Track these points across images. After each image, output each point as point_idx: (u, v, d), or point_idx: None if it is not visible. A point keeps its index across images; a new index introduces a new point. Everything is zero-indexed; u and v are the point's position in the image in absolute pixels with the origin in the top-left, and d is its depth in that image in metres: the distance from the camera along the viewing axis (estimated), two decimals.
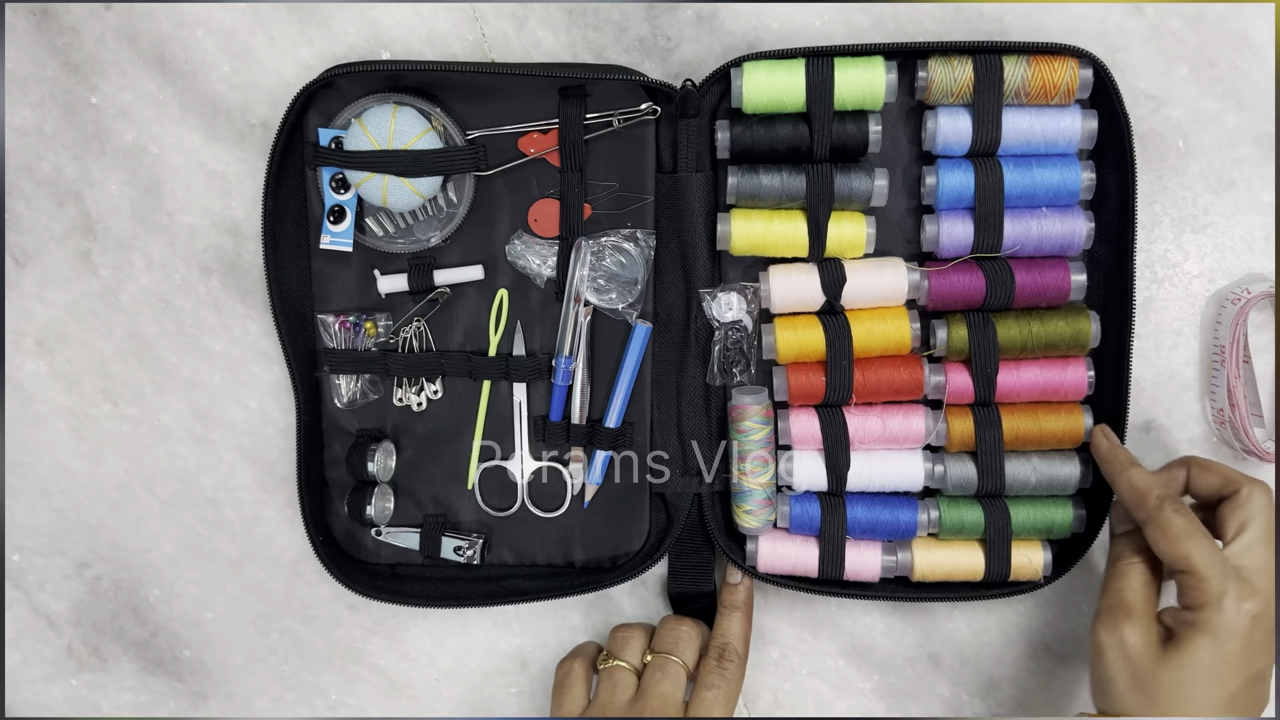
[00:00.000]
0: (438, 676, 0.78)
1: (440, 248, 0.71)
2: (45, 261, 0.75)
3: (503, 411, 0.73)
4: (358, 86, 0.68)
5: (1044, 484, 0.69)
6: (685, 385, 0.71)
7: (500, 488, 0.74)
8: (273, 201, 0.68)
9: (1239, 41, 0.69)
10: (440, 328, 0.72)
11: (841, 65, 0.64)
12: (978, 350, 0.67)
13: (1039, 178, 0.65)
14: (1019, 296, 0.66)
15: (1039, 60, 0.63)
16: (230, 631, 0.79)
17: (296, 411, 0.72)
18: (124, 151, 0.74)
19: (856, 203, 0.66)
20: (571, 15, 0.71)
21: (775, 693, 0.77)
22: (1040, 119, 0.64)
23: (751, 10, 0.70)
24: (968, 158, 0.66)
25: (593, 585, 0.73)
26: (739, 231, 0.67)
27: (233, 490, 0.77)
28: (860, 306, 0.68)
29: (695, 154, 0.68)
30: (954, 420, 0.68)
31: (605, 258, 0.70)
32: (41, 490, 0.78)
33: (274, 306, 0.70)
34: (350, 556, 0.75)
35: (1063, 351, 0.67)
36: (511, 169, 0.69)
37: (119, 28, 0.73)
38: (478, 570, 0.75)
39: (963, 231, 0.66)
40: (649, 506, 0.74)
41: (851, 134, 0.65)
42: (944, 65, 0.63)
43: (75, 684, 0.80)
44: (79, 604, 0.79)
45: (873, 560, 0.70)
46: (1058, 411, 0.68)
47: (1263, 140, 0.70)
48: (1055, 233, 0.66)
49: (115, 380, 0.77)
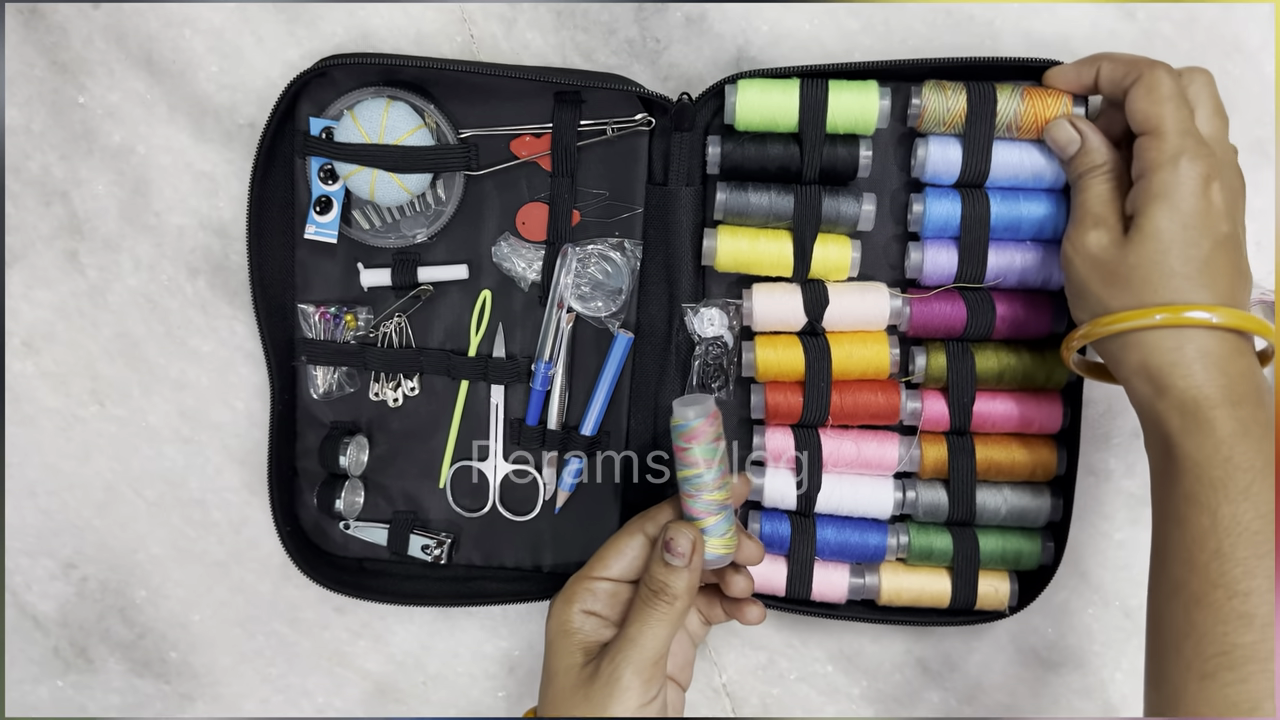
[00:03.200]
0: (425, 679, 0.78)
1: (426, 245, 0.71)
2: (32, 261, 0.75)
3: (479, 412, 0.73)
4: (352, 78, 0.68)
5: (1014, 515, 0.69)
6: (664, 397, 0.71)
7: (472, 488, 0.74)
8: (260, 188, 0.68)
9: (1231, 47, 0.69)
10: (421, 325, 0.72)
11: (836, 88, 0.64)
12: (955, 379, 0.67)
13: (1025, 211, 0.65)
14: (999, 328, 0.67)
15: (1033, 93, 0.64)
16: (217, 633, 0.79)
17: (271, 400, 0.71)
18: (112, 151, 0.73)
19: (843, 226, 0.66)
20: (560, 17, 0.70)
21: (763, 698, 0.77)
22: (1030, 154, 0.64)
23: (741, 13, 0.70)
24: (955, 187, 0.66)
25: (559, 590, 0.73)
26: (725, 248, 0.67)
27: (220, 492, 0.77)
28: (841, 329, 0.68)
29: (686, 168, 0.68)
30: (928, 447, 0.69)
31: (591, 265, 0.70)
32: (28, 491, 0.78)
33: (254, 293, 0.69)
34: (317, 548, 0.75)
35: (1039, 385, 0.68)
36: (502, 170, 0.69)
37: (107, 27, 0.72)
38: (444, 570, 0.75)
39: (947, 260, 0.66)
40: (620, 515, 0.73)
41: (842, 157, 0.65)
42: (938, 93, 0.64)
43: (62, 685, 0.80)
44: (66, 605, 0.79)
45: (840, 582, 0.70)
46: (1031, 444, 0.68)
47: (1255, 147, 0.69)
48: (1039, 266, 0.66)
49: (102, 381, 0.76)
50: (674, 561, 0.58)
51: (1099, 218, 0.58)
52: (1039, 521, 0.69)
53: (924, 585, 0.70)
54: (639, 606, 0.59)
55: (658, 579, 0.58)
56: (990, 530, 0.70)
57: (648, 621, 0.58)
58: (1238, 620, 0.50)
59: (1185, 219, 0.55)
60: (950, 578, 0.70)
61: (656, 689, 0.58)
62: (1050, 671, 0.75)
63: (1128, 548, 0.74)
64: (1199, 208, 0.55)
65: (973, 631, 0.75)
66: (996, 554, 0.69)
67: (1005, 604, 0.70)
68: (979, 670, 0.75)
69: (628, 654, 0.57)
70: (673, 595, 0.58)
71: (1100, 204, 0.59)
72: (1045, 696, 0.75)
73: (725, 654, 0.77)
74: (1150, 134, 0.56)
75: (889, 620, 0.71)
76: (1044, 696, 0.75)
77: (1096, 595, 0.74)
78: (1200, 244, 0.55)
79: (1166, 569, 0.54)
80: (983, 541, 0.69)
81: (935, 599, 0.70)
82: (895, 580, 0.70)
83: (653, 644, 0.58)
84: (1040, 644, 0.75)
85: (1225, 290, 0.55)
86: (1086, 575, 0.74)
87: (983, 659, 0.75)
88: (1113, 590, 0.74)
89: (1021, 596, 0.70)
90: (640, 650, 0.57)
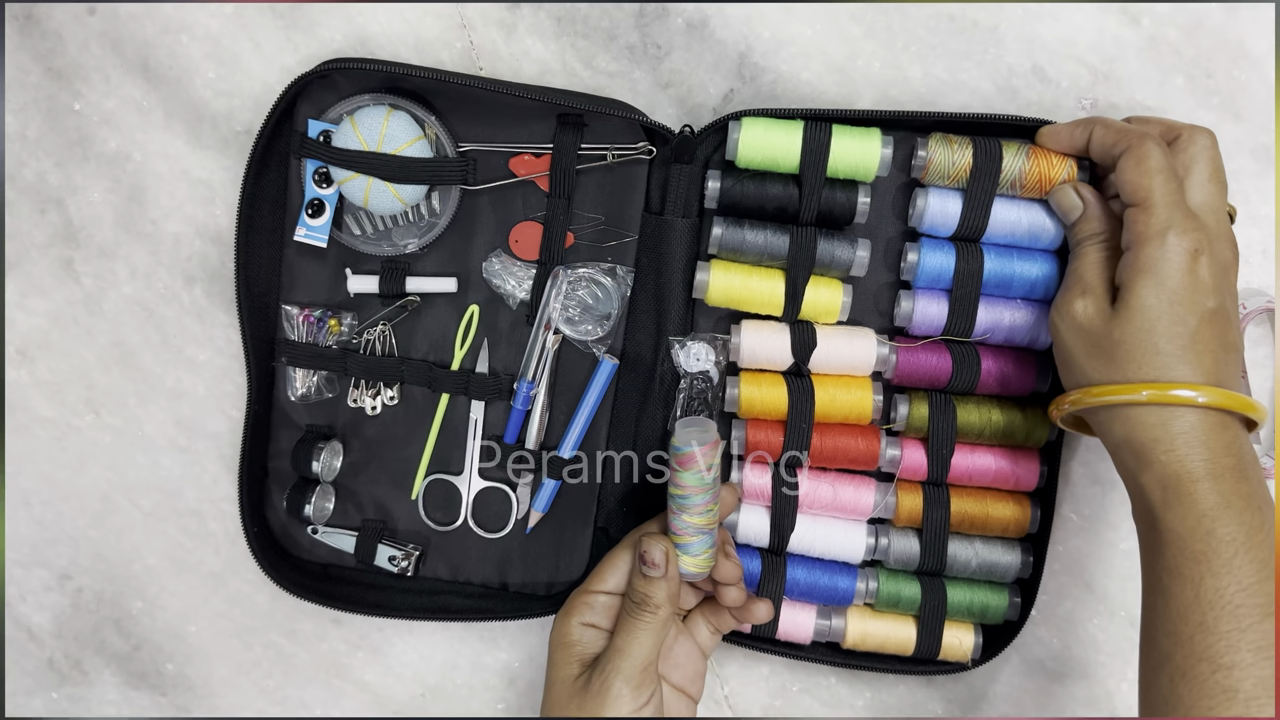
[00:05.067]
0: (423, 692, 0.77)
1: (416, 255, 0.70)
2: (27, 269, 0.74)
3: (457, 427, 0.72)
4: (354, 84, 0.67)
5: (984, 569, 0.69)
6: (643, 426, 0.70)
7: (444, 502, 0.73)
8: (253, 186, 0.67)
9: (1236, 53, 0.68)
10: (405, 335, 0.71)
11: (839, 133, 0.64)
12: (936, 430, 0.67)
13: (1018, 269, 0.65)
14: (983, 383, 0.67)
15: (1038, 153, 0.64)
16: (214, 645, 0.78)
17: (248, 399, 0.70)
18: (107, 158, 0.72)
19: (836, 270, 0.66)
20: (560, 23, 0.70)
21: (766, 710, 0.76)
22: (1029, 212, 0.65)
23: (742, 18, 0.69)
24: (951, 240, 0.66)
25: (523, 612, 0.72)
26: (717, 282, 0.67)
27: (216, 502, 0.76)
28: (826, 372, 0.68)
29: (684, 200, 0.67)
30: (904, 495, 0.69)
31: (581, 288, 0.69)
32: (23, 501, 0.76)
33: (238, 290, 0.68)
34: (283, 550, 0.74)
35: (1019, 442, 0.68)
36: (499, 187, 0.69)
37: (102, 33, 0.71)
38: (410, 582, 0.74)
39: (937, 312, 0.66)
40: (592, 539, 0.73)
41: (840, 202, 0.65)
42: (944, 147, 0.64)
43: (56, 697, 0.78)
44: (60, 616, 0.78)
45: (806, 623, 0.70)
46: (1006, 500, 0.69)
47: (1260, 153, 0.69)
48: (1027, 325, 0.66)
49: (98, 390, 0.75)
50: (650, 573, 0.61)
51: (1088, 286, 0.59)
52: (1008, 577, 0.69)
53: (889, 632, 0.70)
54: (624, 618, 0.61)
55: (639, 590, 0.61)
56: (959, 582, 0.70)
57: (633, 631, 0.60)
58: (1221, 694, 0.51)
59: (1171, 295, 0.55)
60: (916, 626, 0.70)
61: (648, 694, 0.60)
62: (1055, 682, 0.74)
63: (1133, 557, 0.71)
64: (1185, 283, 0.55)
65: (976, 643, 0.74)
66: (964, 606, 0.69)
67: (969, 656, 0.70)
68: (984, 682, 0.75)
69: (617, 664, 0.60)
70: (655, 605, 0.60)
71: (1092, 272, 0.59)
72: (1050, 708, 0.74)
73: (727, 665, 0.77)
74: (1139, 206, 0.57)
75: (851, 665, 0.71)
76: (1049, 708, 0.74)
77: (1102, 605, 0.74)
78: (1186, 320, 0.55)
79: (1154, 641, 0.54)
80: (951, 593, 0.69)
81: (899, 646, 0.70)
82: (861, 625, 0.70)
83: (639, 652, 0.60)
84: (1045, 654, 0.74)
85: (1210, 367, 0.55)
86: (1092, 585, 0.73)
87: (988, 670, 0.74)
88: (1118, 600, 0.73)
89: (985, 649, 0.70)
90: (628, 659, 0.60)
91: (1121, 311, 0.56)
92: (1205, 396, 0.54)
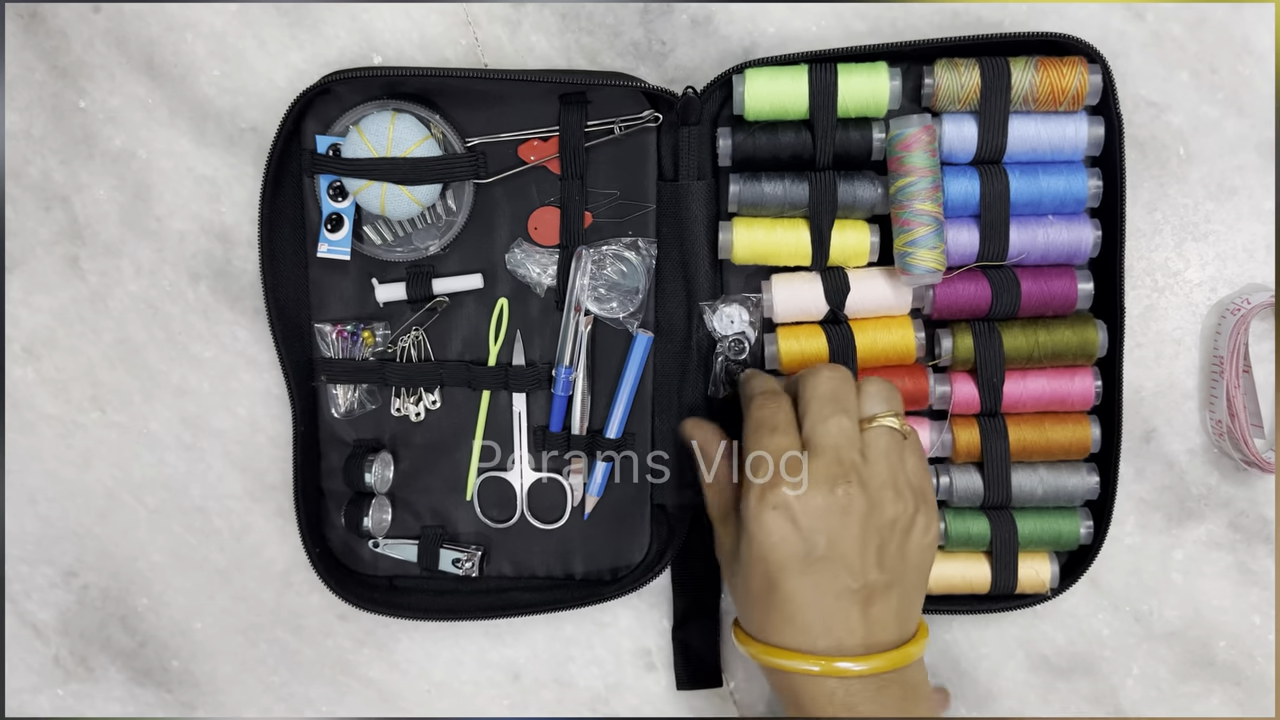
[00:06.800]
0: (429, 688, 0.77)
1: (439, 256, 0.70)
2: (32, 267, 0.75)
3: (502, 422, 0.72)
4: (355, 93, 0.67)
5: (1051, 495, 0.68)
6: (687, 396, 0.70)
7: (499, 499, 0.73)
8: (269, 210, 0.68)
9: (1240, 47, 0.69)
10: (439, 337, 0.71)
11: (845, 71, 0.63)
12: (984, 360, 0.66)
13: (1045, 185, 0.64)
14: (1025, 305, 0.65)
15: (1047, 64, 0.62)
16: (219, 641, 0.78)
17: (293, 422, 0.71)
18: (112, 156, 0.73)
19: (860, 210, 0.65)
20: (565, 19, 0.70)
21: (771, 705, 0.76)
22: (1047, 126, 0.63)
23: (747, 14, 0.69)
24: (973, 165, 0.65)
25: (593, 598, 0.72)
26: (741, 240, 0.66)
27: (222, 499, 0.77)
28: (864, 316, 0.67)
29: (697, 162, 0.67)
30: (960, 431, 0.67)
31: (606, 266, 0.69)
32: (28, 498, 0.77)
33: (270, 316, 0.69)
34: (347, 569, 0.74)
35: (1069, 361, 0.66)
36: (511, 177, 0.68)
37: (108, 31, 0.72)
38: (476, 583, 0.74)
39: (968, 239, 0.65)
40: (650, 518, 0.73)
41: (855, 141, 0.64)
42: (950, 71, 0.63)
43: (62, 694, 0.79)
44: (66, 613, 0.78)
45: None
46: (1064, 421, 0.67)
47: (1264, 147, 0.69)
48: (1062, 241, 0.65)
49: (103, 387, 0.76)
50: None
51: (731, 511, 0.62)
52: (1077, 500, 0.68)
53: (963, 572, 0.69)
54: None
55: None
56: (1028, 512, 0.68)
57: None
58: None
59: (754, 555, 0.57)
60: (989, 563, 0.68)
61: None
62: (1060, 678, 0.74)
63: (1137, 553, 0.73)
64: (755, 543, 0.57)
65: (981, 638, 0.74)
66: (1036, 536, 0.68)
67: (1047, 586, 0.69)
68: (988, 677, 0.74)
69: None
70: None
71: None
72: (1055, 703, 0.74)
73: (732, 660, 0.76)
74: None
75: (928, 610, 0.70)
76: (1054, 703, 0.74)
77: (1106, 600, 0.73)
78: (753, 583, 0.58)
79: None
80: (1021, 524, 0.68)
81: (975, 585, 0.69)
82: (935, 568, 0.69)
83: None
84: (1050, 650, 0.74)
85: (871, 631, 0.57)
86: (1096, 580, 0.73)
87: (992, 665, 0.74)
88: (1123, 596, 0.73)
89: (1063, 577, 0.69)
90: None
91: (736, 556, 0.61)
92: (864, 666, 0.56)
